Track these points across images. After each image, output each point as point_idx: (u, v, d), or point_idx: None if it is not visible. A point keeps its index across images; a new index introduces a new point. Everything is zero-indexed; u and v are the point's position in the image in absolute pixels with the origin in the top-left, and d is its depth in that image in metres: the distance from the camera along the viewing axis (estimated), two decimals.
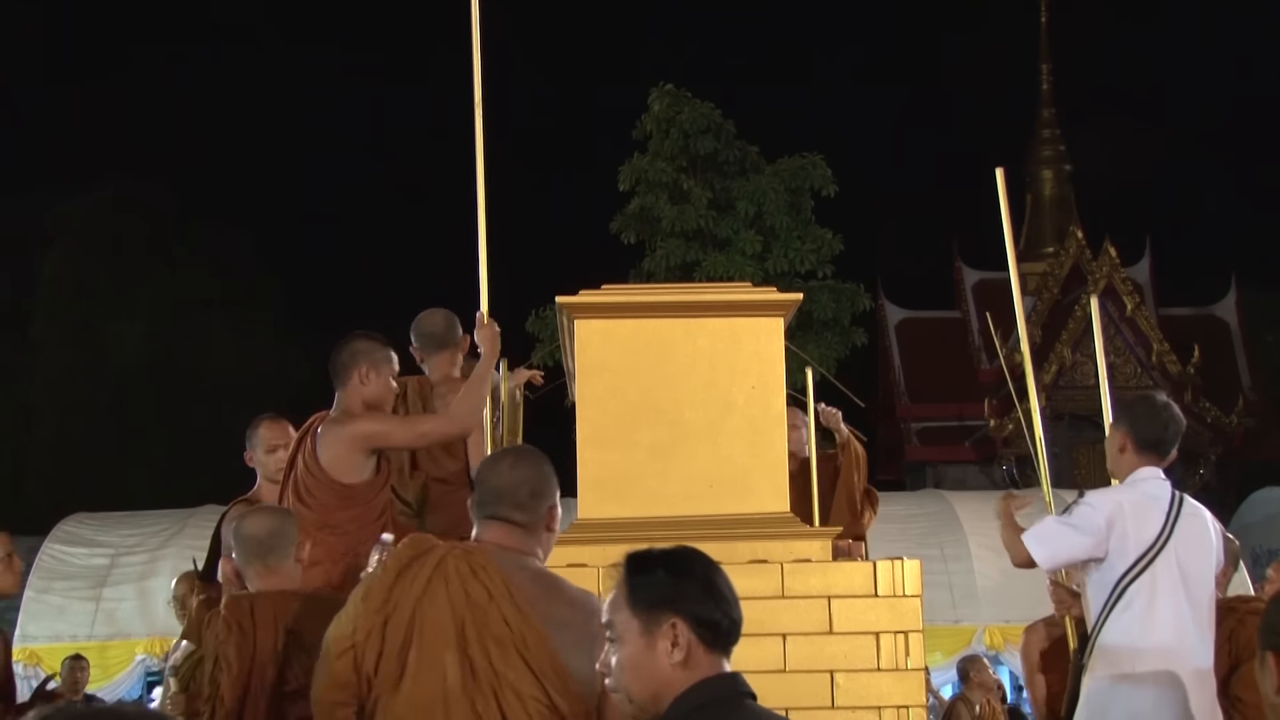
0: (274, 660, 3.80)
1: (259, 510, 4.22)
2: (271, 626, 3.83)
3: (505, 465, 3.23)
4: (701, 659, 2.36)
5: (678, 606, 2.37)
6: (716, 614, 2.38)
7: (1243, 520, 16.99)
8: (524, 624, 2.99)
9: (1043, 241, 28.39)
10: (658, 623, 2.37)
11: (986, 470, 25.69)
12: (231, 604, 3.92)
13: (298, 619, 3.87)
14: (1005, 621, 13.26)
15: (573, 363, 5.23)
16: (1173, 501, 4.38)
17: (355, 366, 4.72)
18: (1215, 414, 25.41)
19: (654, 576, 2.41)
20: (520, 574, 3.09)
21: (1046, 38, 29.42)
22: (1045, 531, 4.47)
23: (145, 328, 26.86)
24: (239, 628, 3.81)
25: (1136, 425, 4.47)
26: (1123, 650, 4.29)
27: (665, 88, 19.86)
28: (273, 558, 3.99)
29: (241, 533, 4.06)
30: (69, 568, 14.08)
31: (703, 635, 2.36)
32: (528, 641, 2.98)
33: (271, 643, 3.81)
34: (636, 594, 2.41)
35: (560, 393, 7.04)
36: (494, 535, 3.16)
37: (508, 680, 2.96)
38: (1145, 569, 4.29)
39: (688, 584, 2.40)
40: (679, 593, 2.39)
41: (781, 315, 5.15)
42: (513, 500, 3.15)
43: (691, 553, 2.46)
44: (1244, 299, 28.32)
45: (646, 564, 2.44)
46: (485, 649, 2.98)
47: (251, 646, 3.79)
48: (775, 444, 5.01)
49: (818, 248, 19.54)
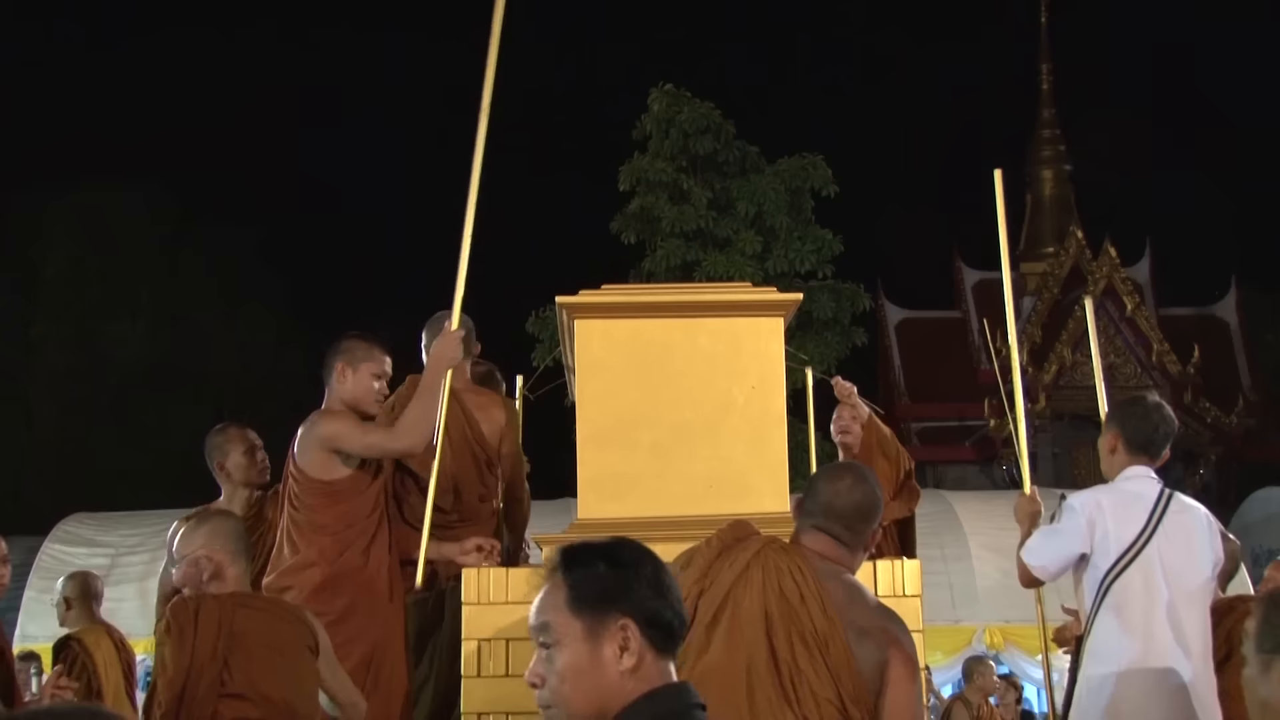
0: (212, 662, 3.84)
1: (222, 510, 4.29)
2: (215, 630, 3.87)
3: (845, 484, 3.29)
4: (651, 665, 2.13)
5: (627, 605, 2.12)
6: (668, 613, 2.15)
7: (1243, 520, 16.99)
8: (830, 628, 3.03)
9: (1043, 241, 28.42)
10: (604, 624, 2.12)
11: (986, 470, 25.70)
12: (176, 608, 3.94)
13: (251, 620, 3.94)
14: (1005, 621, 13.27)
15: (573, 363, 5.23)
16: (1159, 500, 4.38)
17: (335, 365, 4.79)
18: (1215, 414, 25.43)
19: (596, 571, 2.15)
20: (832, 582, 3.16)
21: (1046, 38, 29.46)
22: (1036, 544, 4.55)
23: (145, 328, 26.87)
24: (179, 630, 3.85)
25: (1126, 426, 4.50)
26: (1108, 649, 4.30)
27: (665, 88, 19.87)
28: (245, 556, 4.10)
29: (225, 529, 4.10)
30: (69, 568, 14.02)
31: (654, 637, 2.13)
32: (831, 646, 3.03)
33: (212, 645, 3.85)
34: (578, 591, 2.14)
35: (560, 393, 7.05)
36: (816, 544, 3.24)
37: (807, 678, 3.00)
38: (1126, 567, 4.30)
39: (635, 579, 2.14)
40: (627, 589, 2.13)
41: (781, 315, 5.15)
42: (844, 520, 3.25)
43: (634, 545, 2.22)
44: (1244, 299, 28.34)
45: (586, 558, 2.18)
46: (790, 644, 3.04)
47: (189, 649, 3.83)
48: (775, 444, 5.01)
49: (818, 248, 19.54)
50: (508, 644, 4.51)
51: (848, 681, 3.01)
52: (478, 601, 4.60)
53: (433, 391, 4.72)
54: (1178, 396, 24.62)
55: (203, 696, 3.80)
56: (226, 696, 3.83)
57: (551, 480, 9.13)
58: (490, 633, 4.56)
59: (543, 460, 6.51)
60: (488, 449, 5.27)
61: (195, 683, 3.81)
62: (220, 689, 3.83)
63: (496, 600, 4.59)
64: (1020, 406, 5.41)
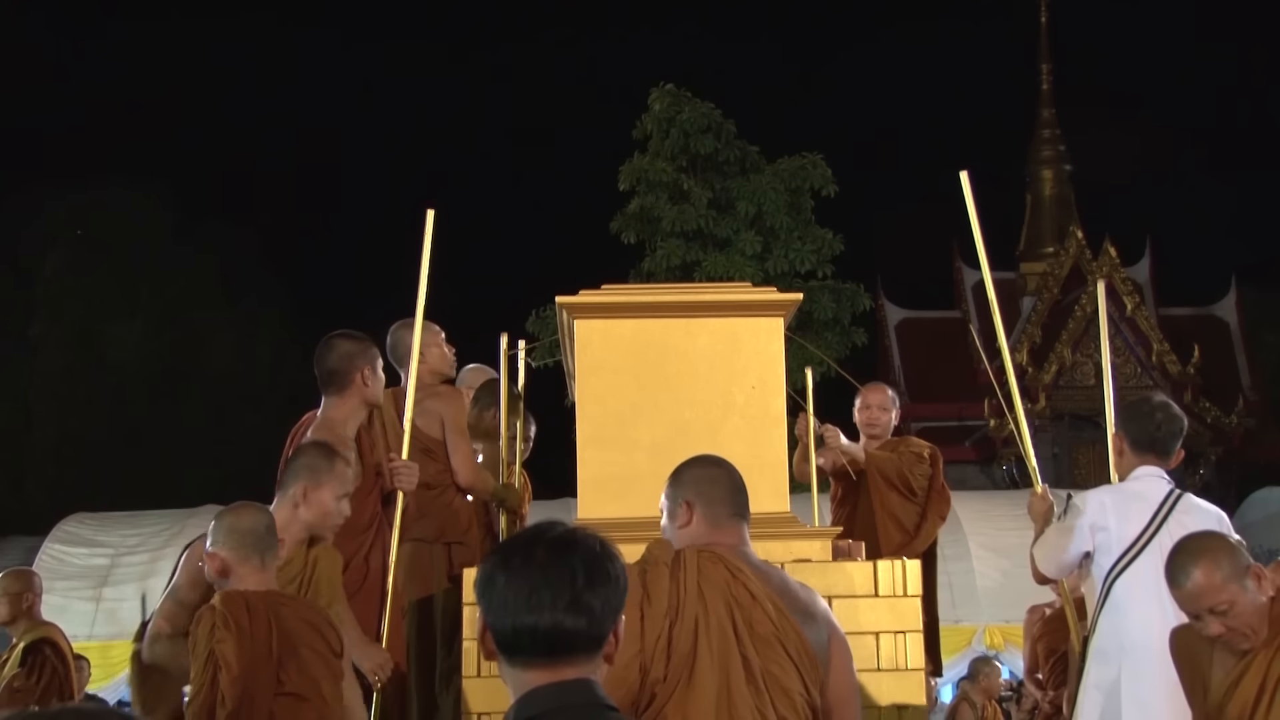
0: (269, 661, 3.73)
1: (252, 505, 4.08)
2: (267, 627, 3.76)
3: (726, 469, 3.31)
4: (512, 674, 2.06)
5: (480, 607, 2.09)
6: (499, 622, 2.06)
7: (1243, 520, 16.97)
8: (783, 621, 3.02)
9: (1043, 241, 28.40)
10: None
11: (986, 470, 25.70)
12: (229, 601, 3.78)
13: (290, 620, 3.83)
14: (1005, 621, 13.26)
15: (573, 363, 5.23)
16: (1165, 499, 4.39)
17: (356, 369, 4.73)
18: (1215, 414, 25.42)
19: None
20: (754, 570, 3.15)
21: (1046, 38, 29.43)
22: (1045, 544, 4.58)
23: (145, 328, 26.86)
24: (238, 626, 3.71)
25: (1129, 426, 4.52)
26: (1110, 649, 4.30)
27: (665, 87, 19.86)
28: (269, 555, 3.92)
29: (240, 526, 3.92)
30: (69, 568, 14.08)
31: (497, 645, 2.07)
32: (787, 638, 3.02)
33: (268, 643, 3.74)
34: None
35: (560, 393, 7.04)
36: (732, 535, 3.21)
37: (775, 677, 2.99)
38: (1129, 566, 4.30)
39: (489, 589, 2.09)
40: (478, 591, 2.11)
41: (781, 315, 5.15)
42: (745, 499, 3.25)
43: (507, 543, 2.16)
44: (1244, 299, 28.31)
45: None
46: (755, 648, 3.02)
47: (250, 646, 3.70)
48: (775, 444, 5.01)
49: (818, 248, 19.54)
50: None
51: (808, 668, 3.00)
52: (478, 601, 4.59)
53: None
54: (1178, 396, 24.56)
55: (259, 695, 3.68)
56: (283, 695, 3.73)
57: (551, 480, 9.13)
58: None
59: (543, 460, 6.50)
60: (421, 437, 5.25)
61: (253, 681, 3.69)
62: (278, 688, 3.72)
63: None
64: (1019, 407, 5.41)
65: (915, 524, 6.27)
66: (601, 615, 2.04)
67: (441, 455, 5.37)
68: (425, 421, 5.32)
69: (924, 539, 6.26)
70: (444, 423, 5.38)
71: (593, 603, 2.03)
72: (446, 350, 5.68)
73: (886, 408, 6.53)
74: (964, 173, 5.20)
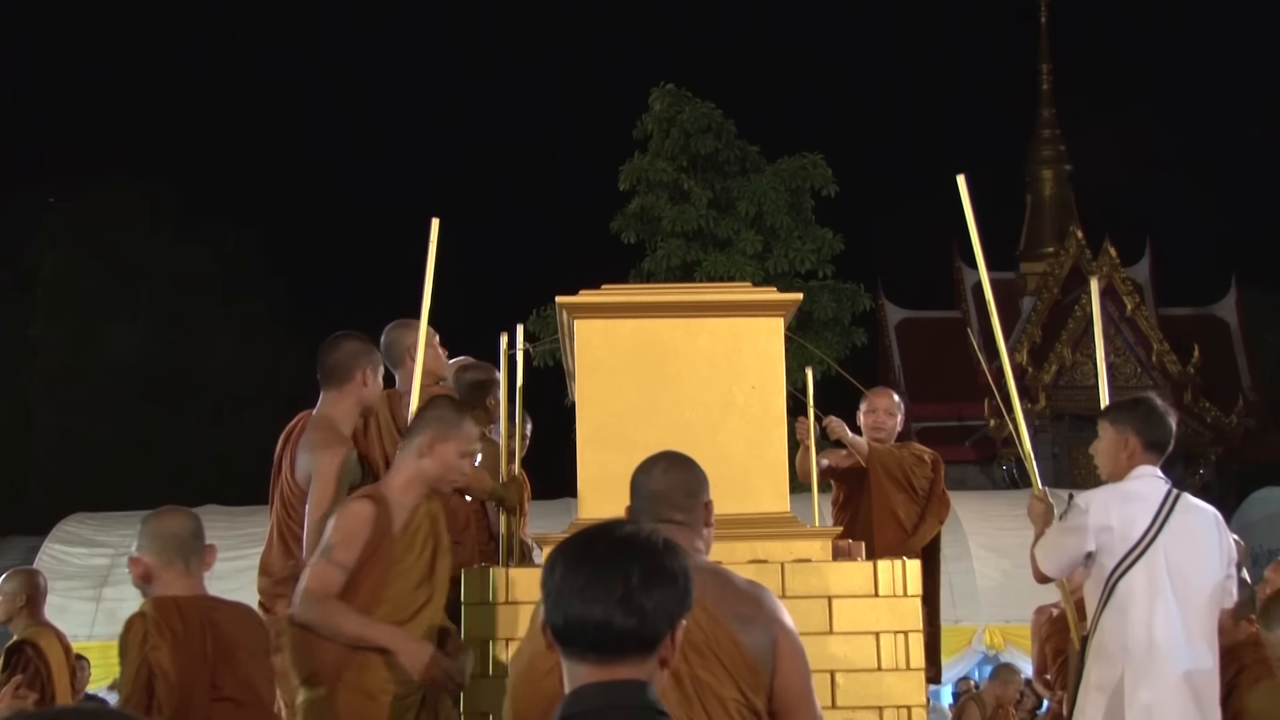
0: (204, 666, 3.68)
1: (178, 510, 4.04)
2: (201, 632, 3.72)
3: (659, 471, 3.27)
4: (567, 666, 2.05)
5: (545, 607, 2.08)
6: (554, 614, 2.04)
7: (1243, 520, 16.97)
8: (714, 626, 2.97)
9: (1043, 241, 28.39)
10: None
11: (986, 470, 25.70)
12: (161, 607, 3.72)
13: (225, 624, 3.80)
14: (1005, 621, 13.26)
15: (573, 363, 5.23)
16: (1165, 499, 4.40)
17: (359, 368, 4.74)
18: (1215, 414, 25.41)
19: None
20: (697, 574, 3.09)
21: (1046, 38, 29.42)
22: (1047, 544, 4.58)
23: (145, 328, 26.86)
24: (172, 633, 3.67)
25: (1145, 428, 4.50)
26: (1113, 649, 4.30)
27: (666, 87, 19.86)
28: (194, 560, 3.87)
29: (164, 531, 3.88)
30: (69, 568, 14.08)
31: (553, 637, 2.06)
32: (720, 645, 2.97)
33: (202, 648, 3.70)
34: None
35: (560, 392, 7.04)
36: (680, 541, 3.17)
37: (708, 685, 2.94)
38: (1132, 565, 4.30)
39: (544, 572, 2.08)
40: (541, 583, 2.08)
41: (781, 315, 5.15)
42: (673, 501, 3.18)
43: (573, 537, 2.13)
44: (1244, 299, 28.31)
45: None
46: (684, 655, 2.95)
47: (185, 652, 3.66)
48: (775, 444, 5.01)
49: (818, 248, 19.54)
50: (508, 644, 4.51)
51: (745, 675, 2.95)
52: (478, 601, 4.60)
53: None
54: (1178, 396, 24.60)
55: (196, 702, 3.64)
56: (219, 701, 3.69)
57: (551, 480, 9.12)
58: (490, 633, 4.56)
59: (543, 460, 6.49)
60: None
61: (190, 688, 3.65)
62: (214, 693, 3.69)
63: (496, 600, 4.59)
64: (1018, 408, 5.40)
65: (914, 523, 6.31)
66: (654, 616, 2.01)
67: None
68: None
69: (920, 538, 6.30)
70: None
71: (645, 603, 2.00)
72: (440, 352, 5.68)
73: (892, 412, 6.56)
74: (961, 176, 5.21)
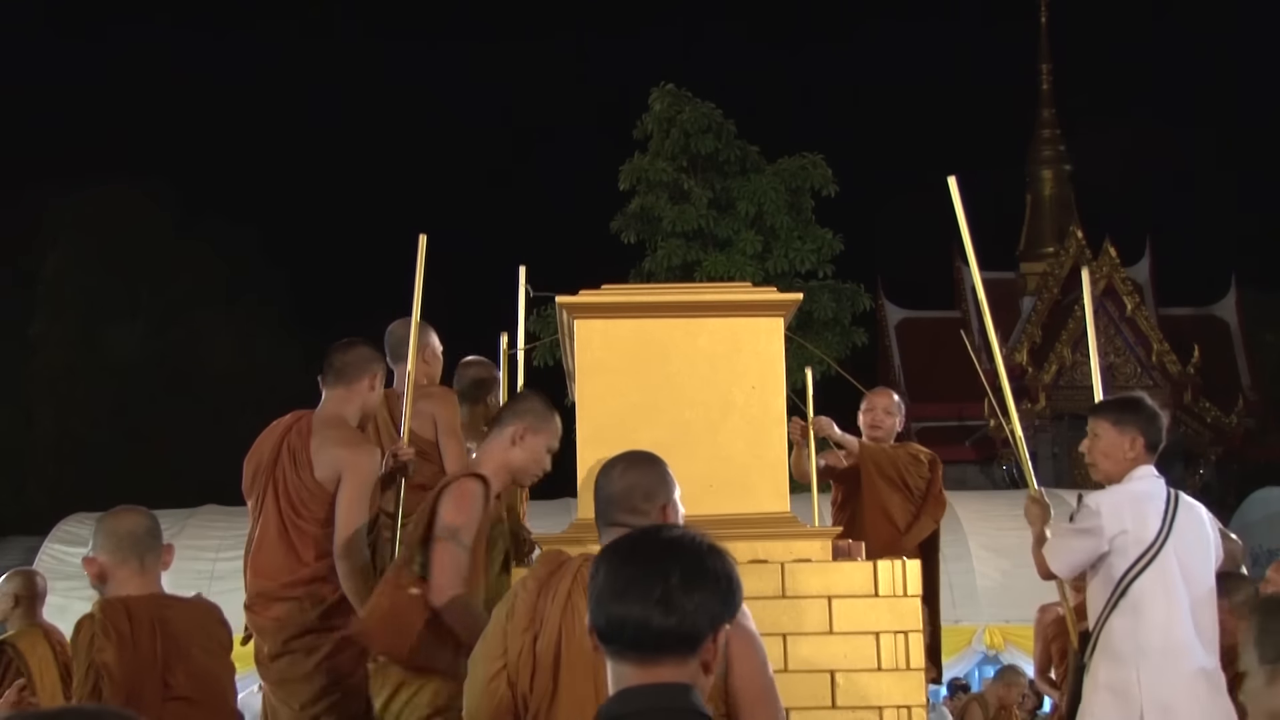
0: (154, 667, 3.65)
1: (133, 509, 3.99)
2: (151, 632, 3.67)
3: (616, 473, 3.21)
4: (611, 667, 2.06)
5: (589, 608, 2.08)
6: (596, 615, 2.05)
7: (1243, 520, 16.98)
8: None
9: (1043, 241, 28.39)
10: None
11: (986, 470, 25.70)
12: (108, 609, 3.68)
13: (178, 622, 3.76)
14: (1005, 621, 13.25)
15: (573, 363, 5.23)
16: (1169, 498, 4.42)
17: (369, 373, 4.82)
18: (1215, 414, 25.40)
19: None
20: None
21: (1046, 38, 29.42)
22: (1058, 543, 4.58)
23: (145, 328, 26.86)
24: (118, 634, 3.63)
25: (1149, 429, 4.50)
26: (1126, 650, 4.29)
27: (666, 87, 19.86)
28: (150, 557, 3.83)
29: (119, 529, 3.84)
30: (69, 568, 14.04)
31: (596, 637, 2.07)
32: None
33: (151, 649, 3.66)
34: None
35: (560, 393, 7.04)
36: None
37: None
38: (1147, 566, 4.31)
39: (589, 574, 2.10)
40: (590, 594, 2.09)
41: (781, 315, 5.15)
42: (627, 505, 3.15)
43: (620, 539, 2.15)
44: (1244, 299, 28.30)
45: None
46: None
47: (132, 653, 3.62)
48: (775, 444, 5.01)
49: (818, 248, 19.54)
50: None
51: None
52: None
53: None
54: (1178, 396, 24.61)
55: (146, 702, 3.58)
56: (172, 700, 3.65)
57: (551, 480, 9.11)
58: None
59: None
60: (415, 439, 5.25)
61: (138, 689, 3.60)
62: (166, 693, 3.65)
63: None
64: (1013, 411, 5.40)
65: (907, 522, 6.29)
66: (695, 616, 2.00)
67: (436, 456, 5.37)
68: (419, 423, 5.32)
69: (914, 537, 6.27)
70: (436, 424, 5.37)
71: (685, 603, 2.00)
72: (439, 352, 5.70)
73: (891, 412, 6.55)
74: (952, 178, 5.22)
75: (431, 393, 5.49)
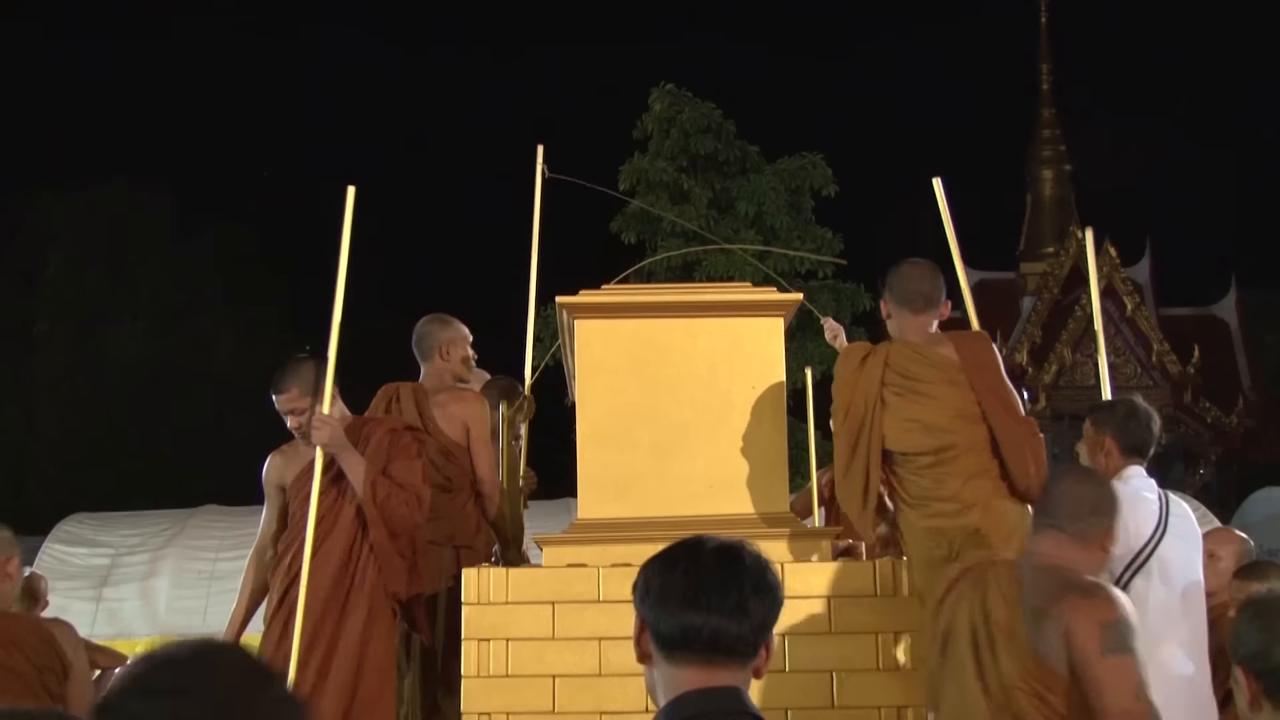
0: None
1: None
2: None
3: (1069, 481, 3.43)
4: (668, 672, 2.09)
5: (641, 610, 2.12)
6: (664, 621, 2.08)
7: (1243, 520, 16.96)
8: (1010, 616, 3.18)
9: (1043, 241, 28.39)
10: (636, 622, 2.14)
11: None
12: None
13: (12, 640, 3.72)
14: None
15: (573, 363, 5.23)
16: (1161, 498, 4.44)
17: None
18: (1215, 414, 25.40)
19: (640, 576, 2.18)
20: (1040, 573, 3.28)
21: (1046, 38, 29.43)
22: None
23: (145, 328, 26.86)
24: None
25: (1122, 430, 4.53)
26: None
27: (666, 87, 19.85)
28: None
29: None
30: (70, 568, 14.06)
31: (658, 644, 2.09)
32: (1015, 633, 3.15)
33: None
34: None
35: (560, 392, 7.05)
36: (1042, 544, 3.36)
37: (1000, 667, 3.16)
38: (1142, 567, 4.31)
39: (642, 587, 2.13)
40: (639, 593, 2.13)
41: (781, 315, 5.16)
42: (1071, 512, 3.30)
43: (671, 548, 2.16)
44: (1244, 299, 28.30)
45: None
46: (986, 645, 3.23)
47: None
48: (775, 444, 5.02)
49: (817, 248, 19.53)
50: (508, 644, 4.51)
51: (1032, 666, 3.09)
52: (478, 601, 4.60)
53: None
54: (1178, 396, 24.62)
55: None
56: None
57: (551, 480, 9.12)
58: (490, 633, 4.56)
59: (543, 460, 6.50)
60: (440, 438, 5.29)
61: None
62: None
63: (496, 600, 4.59)
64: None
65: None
66: (760, 623, 2.08)
67: (460, 458, 5.39)
68: (447, 424, 5.35)
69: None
70: (469, 429, 5.41)
71: (755, 609, 2.07)
72: (471, 353, 5.74)
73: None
74: (937, 180, 5.25)
75: (464, 396, 5.53)
